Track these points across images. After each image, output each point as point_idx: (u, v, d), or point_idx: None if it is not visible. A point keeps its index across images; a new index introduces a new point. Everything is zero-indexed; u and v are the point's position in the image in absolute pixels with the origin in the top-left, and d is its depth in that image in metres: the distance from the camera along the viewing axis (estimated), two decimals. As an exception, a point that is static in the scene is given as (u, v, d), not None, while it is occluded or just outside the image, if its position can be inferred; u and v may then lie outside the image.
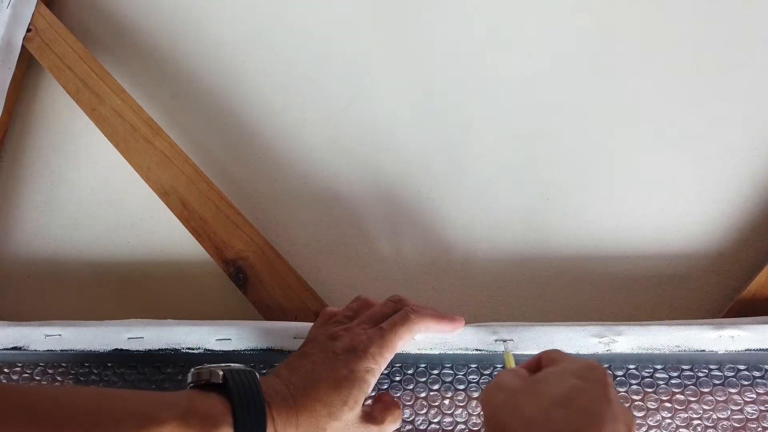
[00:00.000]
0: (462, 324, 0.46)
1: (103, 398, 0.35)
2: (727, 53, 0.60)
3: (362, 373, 0.40)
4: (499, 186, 0.58)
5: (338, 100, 0.63)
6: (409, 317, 0.43)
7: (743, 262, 0.53)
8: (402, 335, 0.42)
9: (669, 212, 0.55)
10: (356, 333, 0.42)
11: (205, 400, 0.36)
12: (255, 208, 0.59)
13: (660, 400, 0.47)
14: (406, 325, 0.42)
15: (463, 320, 0.46)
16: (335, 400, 0.39)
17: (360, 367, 0.40)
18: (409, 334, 0.42)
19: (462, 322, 0.46)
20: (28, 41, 0.65)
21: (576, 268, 0.54)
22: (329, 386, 0.39)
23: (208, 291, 0.56)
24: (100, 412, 0.33)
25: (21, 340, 0.50)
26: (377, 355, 0.41)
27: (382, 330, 0.42)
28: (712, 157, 0.57)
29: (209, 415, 0.35)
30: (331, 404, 0.38)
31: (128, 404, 0.34)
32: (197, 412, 0.35)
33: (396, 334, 0.42)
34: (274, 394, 0.38)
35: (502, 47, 0.63)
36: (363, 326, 0.43)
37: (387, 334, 0.41)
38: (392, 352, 0.42)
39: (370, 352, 0.40)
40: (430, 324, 0.44)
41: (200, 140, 0.63)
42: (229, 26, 0.68)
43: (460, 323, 0.46)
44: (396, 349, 0.42)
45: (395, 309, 0.44)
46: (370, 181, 0.59)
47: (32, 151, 0.64)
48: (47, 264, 0.59)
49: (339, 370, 0.39)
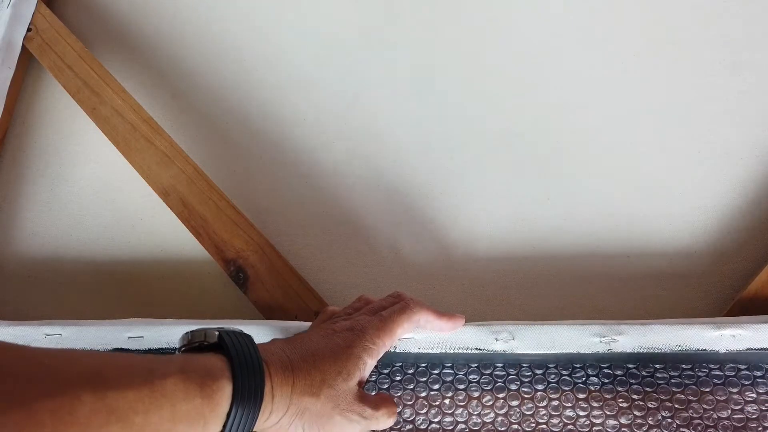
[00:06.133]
0: (462, 323, 0.46)
1: (106, 357, 0.36)
2: (728, 53, 0.60)
3: (359, 350, 0.41)
4: (499, 186, 0.58)
5: (338, 100, 0.63)
6: (408, 305, 0.44)
7: (744, 261, 0.53)
8: (401, 323, 0.43)
9: (669, 212, 0.55)
10: (356, 318, 0.43)
11: (202, 358, 0.36)
12: (255, 207, 0.59)
13: (660, 400, 0.47)
14: (405, 313, 0.44)
15: (463, 319, 0.47)
16: (330, 368, 0.40)
17: (357, 343, 0.41)
18: (408, 323, 0.43)
19: (462, 320, 0.46)
20: (28, 41, 0.65)
21: (576, 267, 0.54)
22: (325, 355, 0.40)
23: (209, 290, 0.56)
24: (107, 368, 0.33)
25: (21, 339, 0.50)
26: (375, 337, 0.42)
27: (381, 316, 0.43)
28: (712, 157, 0.57)
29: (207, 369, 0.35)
30: (325, 372, 0.40)
31: (131, 360, 0.35)
32: (195, 367, 0.35)
33: (395, 321, 0.43)
34: (271, 355, 0.39)
35: (503, 47, 0.63)
36: (363, 315, 0.44)
37: (386, 320, 0.43)
38: (391, 338, 0.43)
39: (369, 333, 0.42)
40: (429, 316, 0.45)
41: (201, 140, 0.63)
42: (230, 26, 0.68)
43: (460, 322, 0.46)
44: (395, 335, 0.43)
45: (394, 303, 0.45)
46: (370, 181, 0.59)
47: (32, 151, 0.64)
48: (47, 264, 0.59)
49: (336, 343, 0.41)
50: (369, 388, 0.49)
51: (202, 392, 0.34)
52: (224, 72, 0.66)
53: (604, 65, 0.61)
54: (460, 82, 0.62)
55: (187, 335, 0.39)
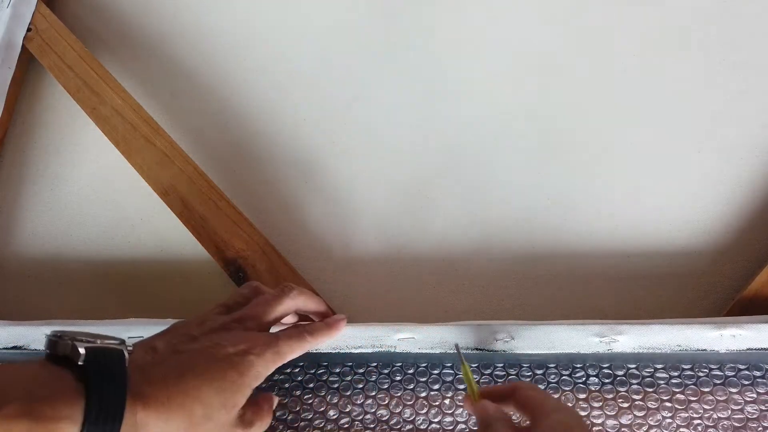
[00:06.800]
0: (344, 323, 0.46)
1: None
2: (728, 53, 0.60)
3: (250, 379, 0.38)
4: (500, 185, 0.58)
5: (338, 100, 0.63)
6: (305, 338, 0.43)
7: (744, 261, 0.53)
8: (294, 351, 0.42)
9: (669, 211, 0.55)
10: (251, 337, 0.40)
11: (55, 383, 0.32)
12: (255, 207, 0.59)
13: (660, 400, 0.47)
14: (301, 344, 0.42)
15: (345, 320, 0.46)
16: (214, 400, 0.36)
17: (250, 372, 0.38)
18: (300, 351, 0.42)
19: (344, 321, 0.46)
20: (28, 41, 0.65)
21: (576, 267, 0.54)
22: (210, 382, 0.36)
23: (209, 290, 0.56)
24: None
25: (21, 339, 0.50)
26: (270, 363, 0.39)
27: (278, 340, 0.41)
28: (712, 157, 0.57)
29: (53, 402, 0.31)
30: (210, 405, 0.36)
31: None
32: (40, 396, 0.31)
33: (291, 348, 0.41)
34: (145, 385, 0.34)
35: (502, 47, 0.63)
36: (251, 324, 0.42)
37: (282, 348, 0.41)
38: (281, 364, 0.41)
39: (264, 359, 0.39)
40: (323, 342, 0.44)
41: (200, 139, 0.63)
42: (230, 26, 0.68)
43: (343, 324, 0.46)
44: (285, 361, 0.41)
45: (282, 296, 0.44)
46: (370, 181, 0.59)
47: (32, 151, 0.64)
48: (47, 264, 0.59)
49: (227, 372, 0.37)
50: (369, 388, 0.49)
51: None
52: (224, 72, 0.66)
53: (604, 65, 0.61)
54: (460, 82, 0.62)
55: (53, 339, 0.34)
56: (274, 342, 0.41)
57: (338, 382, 0.50)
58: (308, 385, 0.50)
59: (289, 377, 0.50)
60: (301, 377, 0.50)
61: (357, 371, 0.50)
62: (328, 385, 0.50)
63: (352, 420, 0.48)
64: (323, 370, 0.50)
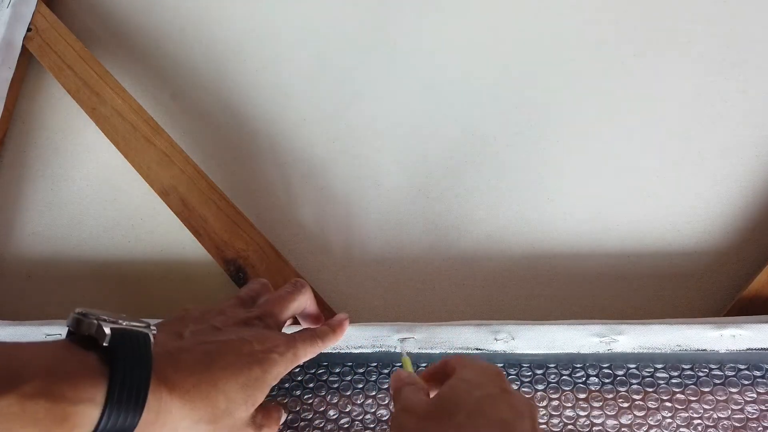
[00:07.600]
0: (347, 324, 0.46)
1: None
2: (728, 53, 0.60)
3: (272, 378, 0.38)
4: (500, 185, 0.58)
5: (338, 100, 0.63)
6: (317, 342, 0.42)
7: (744, 260, 0.53)
8: (308, 354, 0.41)
9: (669, 211, 0.55)
10: (274, 336, 0.40)
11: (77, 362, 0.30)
12: (255, 207, 0.59)
13: (660, 400, 0.47)
14: (313, 348, 0.42)
15: (347, 320, 0.46)
16: (237, 396, 0.36)
17: (273, 371, 0.38)
18: (311, 355, 0.42)
19: (347, 322, 0.46)
20: (28, 41, 0.65)
21: (576, 267, 0.54)
22: (238, 383, 0.36)
23: (209, 290, 0.56)
24: None
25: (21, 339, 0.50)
26: (289, 363, 0.39)
27: (296, 342, 0.41)
28: (712, 156, 0.57)
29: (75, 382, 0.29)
30: (233, 400, 0.36)
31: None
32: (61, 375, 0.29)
33: (305, 351, 0.41)
34: (170, 370, 0.33)
35: (503, 47, 0.63)
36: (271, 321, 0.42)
37: (300, 350, 0.40)
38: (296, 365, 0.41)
39: (285, 359, 0.39)
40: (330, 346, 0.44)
41: (200, 139, 0.63)
42: (230, 26, 0.68)
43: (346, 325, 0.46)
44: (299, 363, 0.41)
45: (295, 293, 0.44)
46: (370, 181, 0.59)
47: (32, 151, 0.64)
48: (47, 264, 0.59)
49: (252, 369, 0.37)
50: (369, 388, 0.49)
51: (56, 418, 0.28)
52: (224, 72, 0.66)
53: (604, 65, 0.61)
54: (460, 82, 0.62)
55: (77, 318, 0.33)
56: (293, 343, 0.40)
57: (338, 382, 0.50)
58: (308, 385, 0.50)
59: (289, 377, 0.50)
60: (301, 377, 0.50)
61: (357, 371, 0.50)
62: (328, 385, 0.50)
63: (352, 420, 0.48)
64: (323, 370, 0.50)
